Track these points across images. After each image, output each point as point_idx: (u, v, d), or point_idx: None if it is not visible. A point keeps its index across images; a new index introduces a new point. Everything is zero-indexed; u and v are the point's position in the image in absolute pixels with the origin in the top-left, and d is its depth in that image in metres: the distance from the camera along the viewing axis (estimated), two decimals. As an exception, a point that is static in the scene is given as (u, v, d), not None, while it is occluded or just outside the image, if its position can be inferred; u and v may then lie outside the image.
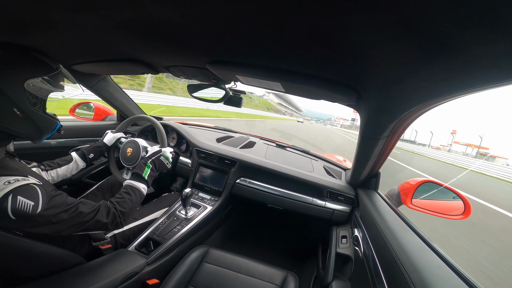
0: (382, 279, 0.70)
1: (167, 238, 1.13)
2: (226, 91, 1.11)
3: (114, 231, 1.05)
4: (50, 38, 0.70)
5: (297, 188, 1.45)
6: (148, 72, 1.04)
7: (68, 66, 1.12)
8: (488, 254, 2.98)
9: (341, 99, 0.77)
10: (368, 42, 0.40)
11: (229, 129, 2.21)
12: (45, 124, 0.79)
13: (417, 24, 0.31)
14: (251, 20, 0.41)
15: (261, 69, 0.69)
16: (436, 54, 0.36)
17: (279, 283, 1.03)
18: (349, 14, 0.32)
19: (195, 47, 0.65)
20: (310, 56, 0.53)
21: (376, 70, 0.51)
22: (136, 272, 0.91)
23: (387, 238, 0.78)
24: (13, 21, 0.57)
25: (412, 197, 1.10)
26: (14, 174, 0.66)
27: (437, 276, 0.56)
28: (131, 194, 0.93)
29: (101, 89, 1.52)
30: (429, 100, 0.54)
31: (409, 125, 0.78)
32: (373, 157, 1.02)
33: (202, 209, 1.39)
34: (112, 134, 1.31)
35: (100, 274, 0.81)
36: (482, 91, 0.41)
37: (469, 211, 0.99)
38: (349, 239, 1.23)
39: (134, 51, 0.80)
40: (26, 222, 0.63)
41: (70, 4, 0.46)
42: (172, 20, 0.47)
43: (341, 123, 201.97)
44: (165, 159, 1.14)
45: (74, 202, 0.75)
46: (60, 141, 1.55)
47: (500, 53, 0.31)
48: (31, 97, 0.72)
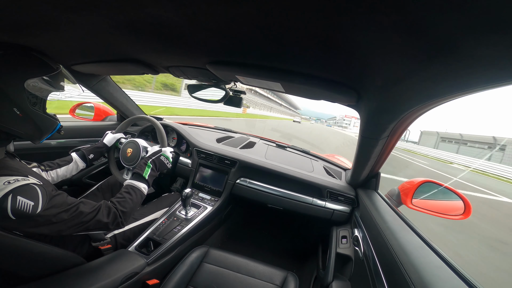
0: (382, 279, 0.70)
1: (167, 238, 1.13)
2: (226, 91, 1.11)
3: (114, 232, 1.05)
4: (50, 38, 0.70)
5: (297, 188, 1.45)
6: (148, 73, 1.04)
7: (68, 66, 1.12)
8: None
9: (341, 99, 0.77)
10: (368, 42, 0.40)
11: (229, 129, 2.21)
12: (45, 124, 0.79)
13: (418, 25, 0.31)
14: (251, 20, 0.41)
15: (261, 69, 0.69)
16: (436, 54, 0.36)
17: (279, 283, 1.03)
18: (349, 15, 0.32)
19: (195, 47, 0.65)
20: (310, 56, 0.53)
21: (376, 70, 0.51)
22: (136, 272, 0.91)
23: (387, 238, 0.78)
24: (13, 21, 0.57)
25: (412, 197, 1.10)
26: (14, 174, 0.66)
27: (437, 276, 0.56)
28: (132, 194, 0.93)
29: (101, 90, 1.52)
30: (429, 100, 0.54)
31: (409, 125, 0.78)
32: (373, 157, 1.02)
33: (202, 209, 1.39)
34: (112, 135, 1.31)
35: (100, 275, 0.81)
36: (482, 91, 0.41)
37: (469, 211, 0.99)
38: (349, 239, 1.23)
39: (134, 51, 0.80)
40: (26, 222, 0.63)
41: (70, 4, 0.46)
42: (172, 20, 0.47)
43: (353, 122, 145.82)
44: (166, 159, 1.14)
45: (75, 202, 0.75)
46: (60, 142, 1.55)
47: (501, 54, 0.31)
48: (31, 97, 0.72)
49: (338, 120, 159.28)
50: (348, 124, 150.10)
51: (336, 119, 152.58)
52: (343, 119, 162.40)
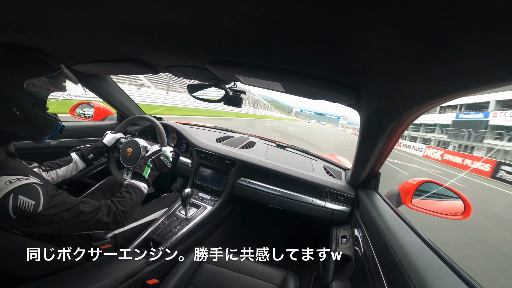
0: (382, 279, 0.70)
1: (167, 238, 1.13)
2: (226, 91, 1.11)
3: (114, 231, 1.05)
4: (50, 38, 0.70)
5: (297, 188, 1.45)
6: (148, 72, 1.04)
7: (68, 66, 1.12)
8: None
9: (341, 99, 0.77)
10: (369, 42, 0.40)
11: (229, 129, 2.21)
12: (45, 124, 0.79)
13: (418, 25, 0.31)
14: (251, 20, 0.41)
15: (261, 69, 0.69)
16: (437, 54, 0.36)
17: (279, 283, 1.04)
18: (350, 15, 0.32)
19: (195, 47, 0.65)
20: (310, 56, 0.53)
21: (377, 70, 0.51)
22: (136, 272, 0.91)
23: (387, 238, 0.78)
24: (13, 22, 0.57)
25: (412, 197, 1.10)
26: (15, 174, 0.66)
27: (437, 276, 0.57)
28: (132, 193, 0.93)
29: (101, 89, 1.52)
30: (429, 100, 0.54)
31: (409, 125, 0.78)
32: (373, 157, 1.02)
33: (202, 209, 1.39)
34: (112, 135, 1.31)
35: (100, 274, 0.81)
36: (482, 90, 0.41)
37: (469, 211, 0.99)
38: (349, 239, 1.23)
39: (134, 51, 0.80)
40: (27, 221, 0.63)
41: (70, 4, 0.46)
42: (172, 20, 0.47)
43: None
44: (165, 158, 1.14)
45: (75, 201, 0.74)
46: (60, 141, 1.55)
47: (501, 54, 0.31)
48: (31, 97, 0.72)
49: (351, 121, 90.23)
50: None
51: (348, 119, 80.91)
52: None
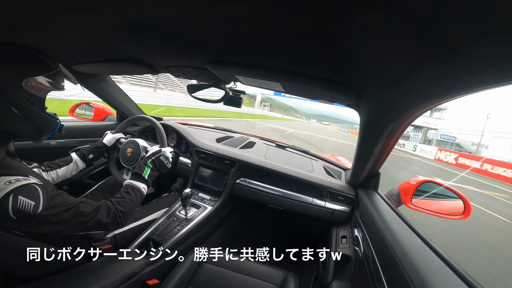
0: (382, 279, 0.70)
1: (167, 239, 1.13)
2: (226, 91, 1.11)
3: (114, 232, 1.05)
4: (50, 38, 0.70)
5: (297, 188, 1.45)
6: (148, 72, 1.04)
7: (68, 66, 1.12)
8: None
9: (341, 99, 0.77)
10: (368, 42, 0.40)
11: (229, 129, 2.20)
12: (44, 123, 0.79)
13: (418, 25, 0.31)
14: (251, 20, 0.41)
15: (261, 69, 0.69)
16: (437, 54, 0.36)
17: (279, 283, 1.04)
18: (350, 14, 0.32)
19: (195, 47, 0.65)
20: (310, 56, 0.53)
21: (376, 70, 0.51)
22: (136, 272, 0.91)
23: (387, 238, 0.78)
24: (12, 21, 0.56)
25: (412, 197, 1.10)
26: (15, 174, 0.65)
27: (437, 276, 0.57)
28: (132, 194, 0.93)
29: (101, 89, 1.52)
30: (429, 100, 0.54)
31: (409, 124, 0.78)
32: (373, 157, 1.02)
33: (202, 209, 1.39)
34: (112, 135, 1.30)
35: (100, 275, 0.81)
36: (482, 91, 0.41)
37: (469, 211, 0.99)
38: (349, 239, 1.23)
39: (134, 51, 0.80)
40: (27, 221, 0.63)
41: (70, 4, 0.46)
42: (172, 20, 0.47)
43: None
44: (165, 159, 1.14)
45: (75, 202, 0.74)
46: (60, 142, 1.55)
47: (501, 54, 0.31)
48: (30, 96, 0.71)
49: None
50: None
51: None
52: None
